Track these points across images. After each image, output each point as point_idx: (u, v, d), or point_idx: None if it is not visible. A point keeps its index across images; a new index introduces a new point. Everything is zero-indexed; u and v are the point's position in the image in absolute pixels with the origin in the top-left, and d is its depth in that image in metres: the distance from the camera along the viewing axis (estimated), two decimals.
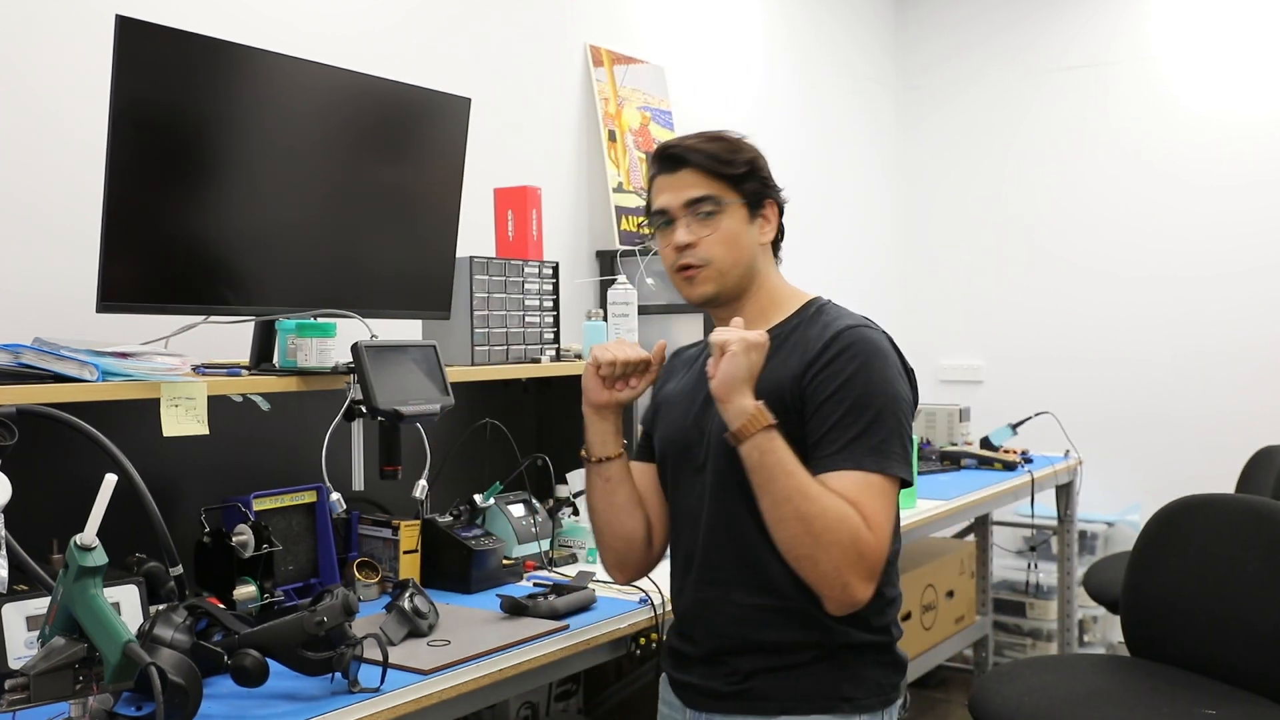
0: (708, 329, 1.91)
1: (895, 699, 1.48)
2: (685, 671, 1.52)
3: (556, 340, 2.41)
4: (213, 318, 1.82)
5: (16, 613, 1.43)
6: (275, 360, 1.84)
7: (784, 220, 1.58)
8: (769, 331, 1.47)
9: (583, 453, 1.63)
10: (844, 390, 1.39)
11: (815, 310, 1.52)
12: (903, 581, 1.60)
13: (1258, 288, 4.13)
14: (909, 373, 1.49)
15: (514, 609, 1.81)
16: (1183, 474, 3.99)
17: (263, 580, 1.79)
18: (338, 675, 1.44)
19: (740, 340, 1.36)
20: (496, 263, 2.27)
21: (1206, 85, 4.23)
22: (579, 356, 2.52)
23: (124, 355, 1.59)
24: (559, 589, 1.89)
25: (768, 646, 1.43)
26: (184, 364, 1.68)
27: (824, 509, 1.32)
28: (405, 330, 2.26)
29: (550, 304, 2.39)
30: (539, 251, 2.47)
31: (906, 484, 1.42)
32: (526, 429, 2.60)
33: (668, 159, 1.52)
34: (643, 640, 1.85)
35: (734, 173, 1.50)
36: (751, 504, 1.40)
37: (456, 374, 2.04)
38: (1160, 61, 4.32)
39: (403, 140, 2.07)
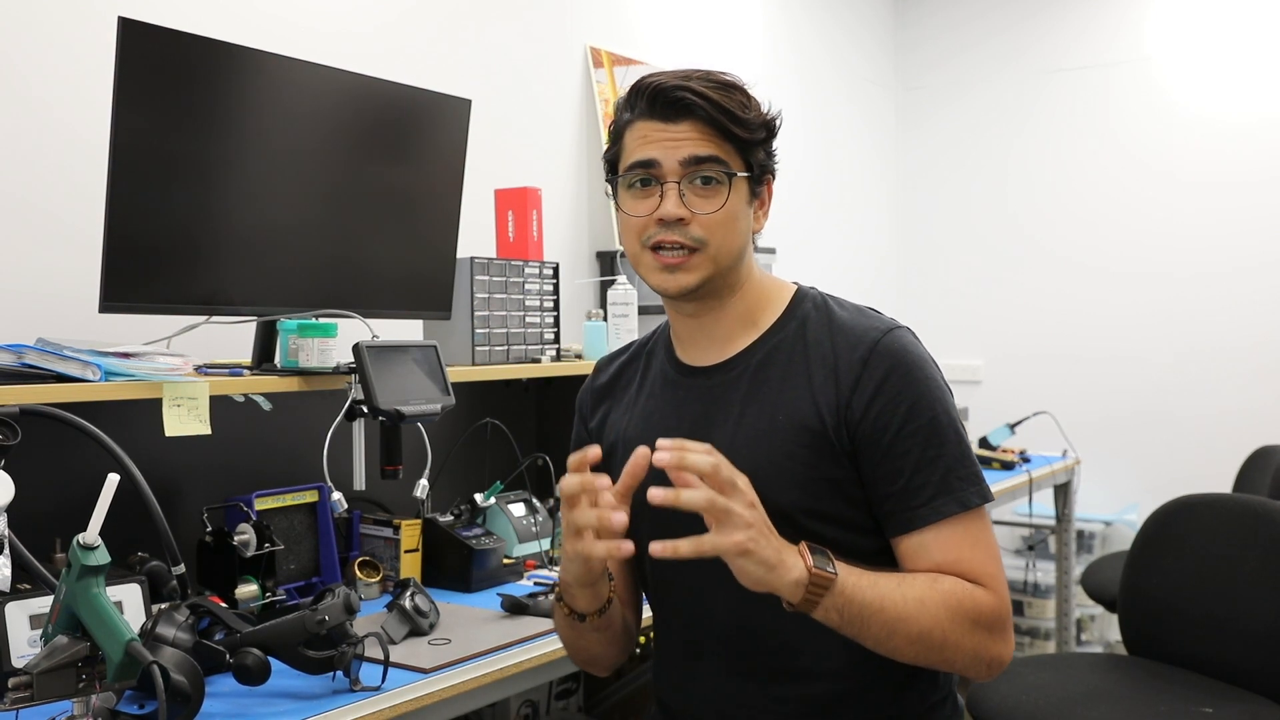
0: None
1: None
2: None
3: (557, 340, 2.41)
4: (214, 318, 1.83)
5: (19, 611, 1.43)
6: (277, 360, 1.85)
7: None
8: (761, 342, 1.23)
9: (554, 597, 1.28)
10: (910, 421, 1.15)
11: (811, 305, 1.26)
12: None
13: (1256, 287, 4.13)
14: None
15: (515, 608, 1.81)
16: (1180, 473, 4.00)
17: (264, 579, 1.80)
18: (339, 674, 1.45)
19: (743, 529, 1.01)
20: (497, 263, 2.28)
21: (1206, 86, 4.24)
22: (579, 356, 2.52)
23: (126, 355, 1.60)
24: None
25: None
26: (186, 364, 1.69)
27: (934, 618, 1.10)
28: (406, 330, 2.26)
29: (551, 304, 2.40)
30: (539, 252, 2.48)
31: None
32: (527, 429, 2.61)
33: (667, 102, 1.17)
34: (643, 640, 1.86)
35: (748, 136, 1.19)
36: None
37: (457, 374, 2.04)
38: (1159, 62, 4.33)
39: (404, 141, 2.07)
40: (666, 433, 1.11)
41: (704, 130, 1.18)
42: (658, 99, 1.18)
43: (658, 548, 1.03)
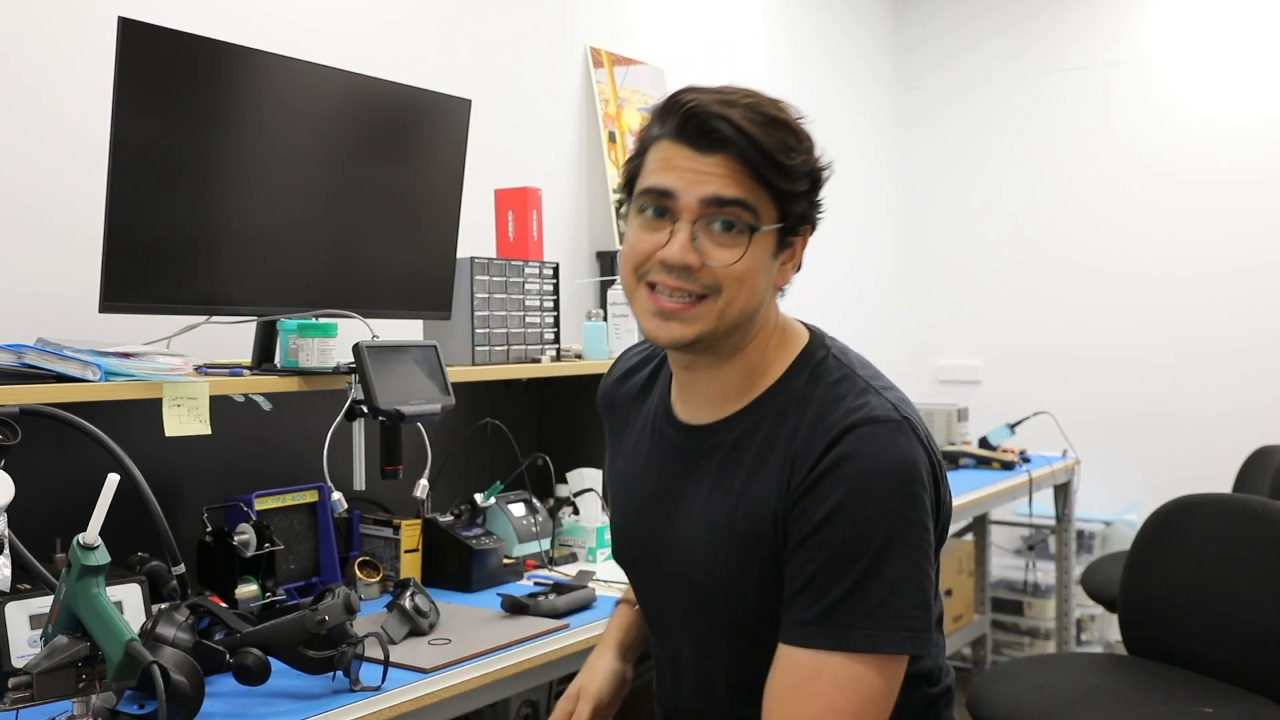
0: None
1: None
2: None
3: (557, 340, 2.41)
4: (215, 318, 1.82)
5: (19, 611, 1.43)
6: (277, 360, 1.85)
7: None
8: (742, 414, 1.08)
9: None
10: (830, 525, 0.98)
11: (809, 377, 1.08)
12: None
13: (1255, 288, 4.14)
14: (937, 483, 1.05)
15: (515, 608, 1.81)
16: (1180, 473, 4.00)
17: (264, 579, 1.80)
18: (339, 674, 1.45)
19: None
20: (497, 263, 2.27)
21: (1206, 86, 4.24)
22: (579, 356, 2.52)
23: (126, 355, 1.60)
24: (559, 588, 1.89)
25: None
26: (186, 364, 1.69)
27: None
28: (406, 330, 2.26)
29: (551, 304, 2.40)
30: (539, 252, 2.48)
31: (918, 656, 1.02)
32: (527, 429, 2.61)
33: (701, 129, 1.02)
34: None
35: (787, 187, 1.05)
36: (736, 660, 1.10)
37: (457, 374, 2.04)
38: (1159, 62, 4.33)
39: (404, 141, 2.07)
40: (644, 490, 1.14)
41: (736, 169, 1.02)
42: (690, 122, 1.03)
43: None
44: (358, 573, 1.99)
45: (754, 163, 1.03)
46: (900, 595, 0.99)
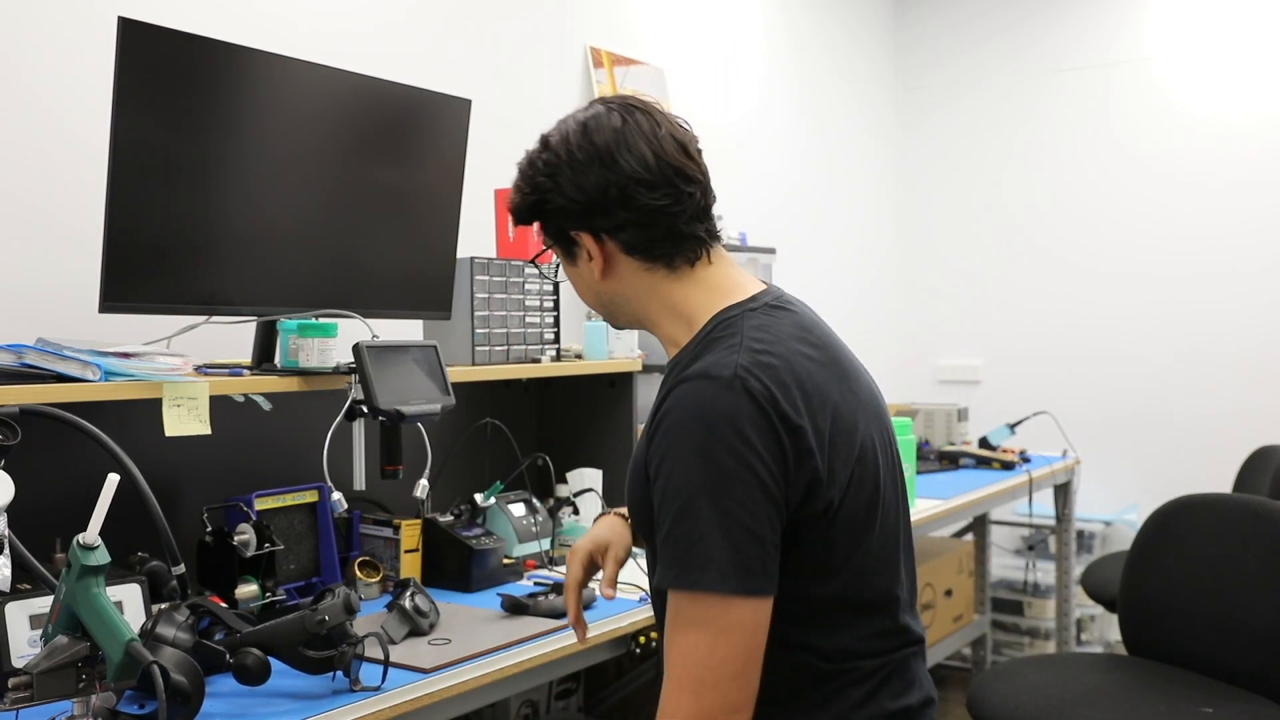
0: None
1: None
2: None
3: (557, 340, 2.41)
4: (214, 318, 1.83)
5: (19, 611, 1.43)
6: (277, 360, 1.85)
7: (642, 227, 1.18)
8: (666, 365, 1.24)
9: None
10: (656, 480, 1.09)
11: (704, 336, 1.18)
12: None
13: (1256, 288, 4.14)
14: (785, 429, 1.07)
15: (515, 608, 1.81)
16: (1180, 474, 4.00)
17: (264, 579, 1.80)
18: (339, 674, 1.45)
19: None
20: (497, 263, 2.27)
21: (1206, 86, 4.24)
22: (579, 357, 2.52)
23: (126, 355, 1.60)
24: (559, 588, 1.89)
25: None
26: (186, 364, 1.69)
27: None
28: (406, 330, 2.26)
29: (550, 304, 2.40)
30: None
31: (754, 591, 1.05)
32: (527, 429, 2.61)
33: None
34: (643, 639, 1.86)
35: (532, 219, 1.26)
36: (651, 565, 1.18)
37: (457, 374, 2.04)
38: (1160, 62, 4.33)
39: (404, 141, 2.07)
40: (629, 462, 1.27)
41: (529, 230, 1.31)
42: None
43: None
44: (358, 573, 1.99)
45: (520, 221, 1.28)
46: (711, 538, 1.04)
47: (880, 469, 1.18)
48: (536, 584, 2.05)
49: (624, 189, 1.17)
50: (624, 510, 1.45)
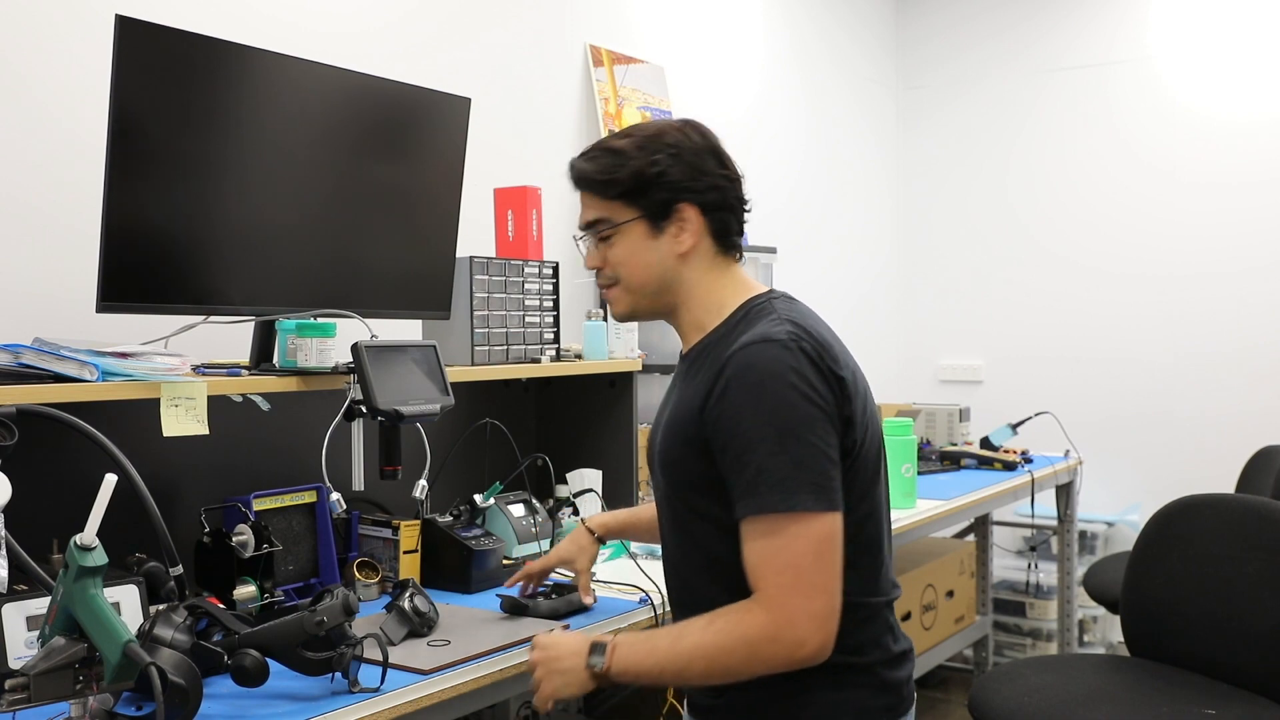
0: None
1: (904, 715, 1.38)
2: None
3: (556, 340, 2.41)
4: (213, 318, 1.82)
5: (17, 613, 1.43)
6: (275, 360, 1.84)
7: (728, 215, 1.41)
8: (698, 344, 1.40)
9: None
10: (732, 430, 1.27)
11: (741, 317, 1.38)
12: (903, 581, 1.58)
13: (1258, 288, 4.13)
14: (828, 379, 1.29)
15: (514, 609, 1.81)
16: (1183, 474, 4.00)
17: (263, 580, 1.79)
18: (338, 675, 1.44)
19: (545, 674, 1.38)
20: (496, 263, 2.27)
21: (1207, 85, 4.23)
22: (579, 356, 2.52)
23: (124, 355, 1.59)
24: (559, 589, 1.89)
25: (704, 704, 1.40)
26: (184, 364, 1.68)
27: (711, 663, 1.27)
28: (405, 330, 2.26)
29: (550, 304, 2.39)
30: (539, 251, 2.47)
31: (838, 508, 1.27)
32: (526, 429, 2.60)
33: (571, 180, 1.47)
34: None
35: (620, 190, 1.39)
36: (672, 514, 1.41)
37: (456, 374, 2.04)
38: (1161, 61, 4.32)
39: (403, 140, 2.07)
40: (656, 414, 1.50)
41: (588, 198, 1.44)
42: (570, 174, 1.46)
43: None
44: (356, 573, 1.98)
45: (591, 187, 1.43)
46: (797, 465, 1.25)
47: (879, 428, 1.41)
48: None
49: (726, 180, 1.41)
50: (594, 522, 1.83)
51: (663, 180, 1.38)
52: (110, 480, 1.20)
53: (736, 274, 1.45)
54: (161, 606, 1.40)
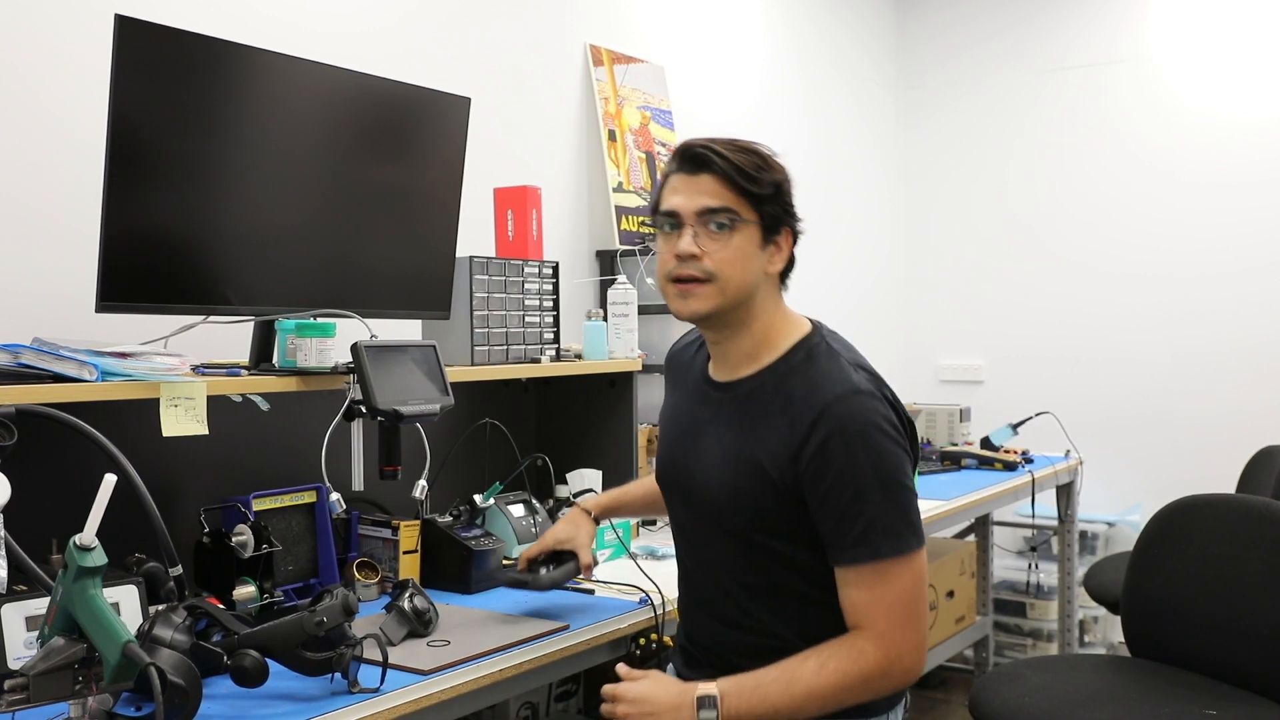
0: None
1: (899, 701, 1.49)
2: (696, 670, 1.53)
3: (556, 340, 2.40)
4: (212, 318, 1.82)
5: (16, 613, 1.43)
6: (275, 360, 1.84)
7: (796, 252, 1.49)
8: (753, 377, 1.43)
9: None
10: (839, 481, 1.35)
11: (804, 356, 1.43)
12: None
13: (1258, 287, 4.13)
14: (904, 424, 1.41)
15: (515, 584, 1.80)
16: (1183, 474, 3.99)
17: (262, 580, 1.79)
18: (337, 675, 1.44)
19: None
20: (496, 262, 2.27)
21: (1207, 85, 4.23)
22: (579, 356, 2.52)
23: (123, 355, 1.59)
24: (556, 556, 1.82)
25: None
26: (183, 364, 1.68)
27: (824, 699, 1.35)
28: (405, 330, 2.26)
29: (550, 304, 2.39)
30: (539, 251, 2.47)
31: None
32: (526, 429, 2.60)
33: (690, 159, 1.41)
34: (643, 640, 1.85)
35: (758, 191, 1.40)
36: (732, 550, 1.44)
37: (456, 374, 2.04)
38: (1161, 61, 4.32)
39: (402, 140, 2.06)
40: (681, 427, 1.54)
41: (719, 183, 1.39)
42: (685, 155, 1.42)
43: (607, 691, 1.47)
44: (356, 574, 1.98)
45: (729, 176, 1.39)
46: (899, 512, 1.36)
47: None
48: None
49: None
50: (588, 503, 1.87)
51: (787, 200, 1.44)
52: (110, 480, 1.20)
53: (786, 308, 1.51)
54: (161, 607, 1.40)
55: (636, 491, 1.88)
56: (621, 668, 1.49)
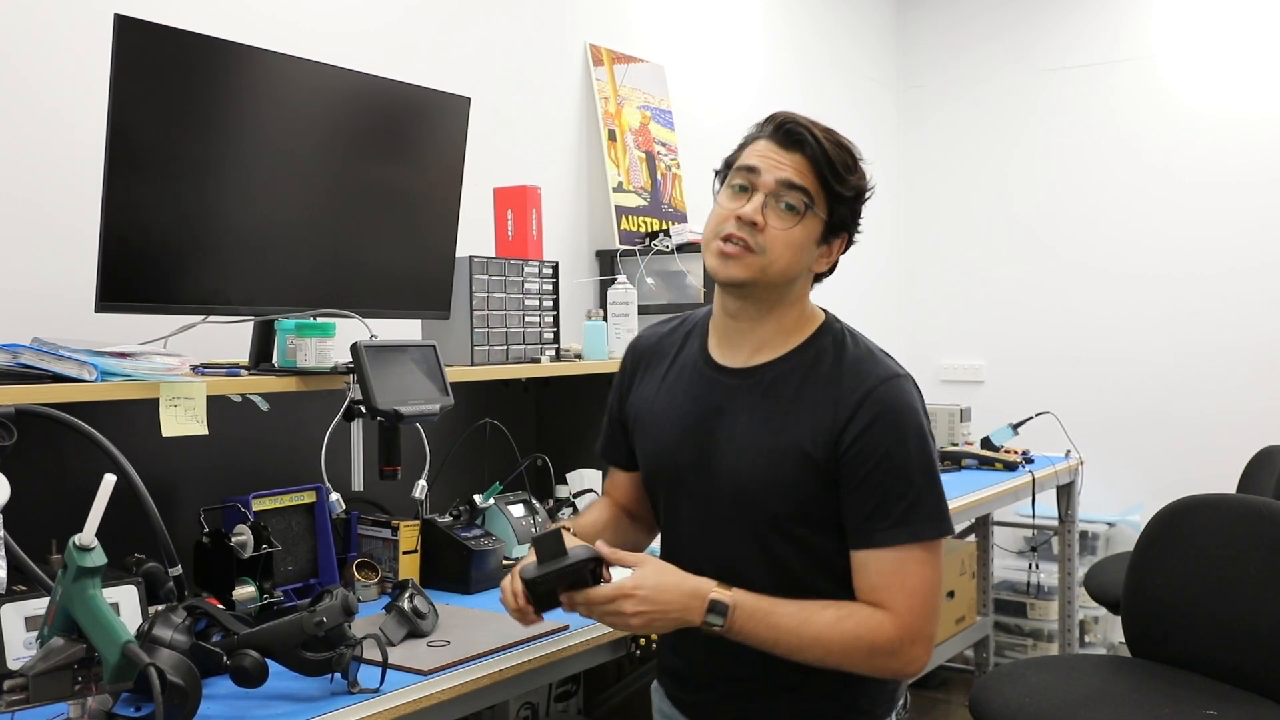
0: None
1: (895, 705, 1.49)
2: (685, 690, 1.51)
3: (556, 340, 2.40)
4: (212, 318, 1.82)
5: (15, 613, 1.42)
6: (274, 360, 1.84)
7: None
8: (779, 361, 1.40)
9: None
10: (885, 463, 1.34)
11: (831, 341, 1.43)
12: None
13: (1260, 288, 4.12)
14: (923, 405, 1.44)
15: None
16: (1184, 474, 3.99)
17: (262, 581, 1.79)
18: (337, 676, 1.44)
19: (638, 620, 1.30)
20: (496, 262, 2.27)
21: (1208, 84, 4.23)
22: (579, 356, 2.51)
23: (123, 355, 1.59)
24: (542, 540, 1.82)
25: (777, 681, 1.42)
26: (183, 364, 1.68)
27: (828, 651, 1.32)
28: (405, 330, 2.25)
29: (550, 304, 2.39)
30: (539, 251, 2.47)
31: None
32: (526, 429, 2.60)
33: (787, 132, 1.38)
34: (642, 641, 1.85)
35: (839, 189, 1.39)
36: (755, 545, 1.39)
37: (456, 374, 2.03)
38: (1162, 61, 4.32)
39: (402, 140, 2.06)
40: (682, 416, 1.45)
41: (805, 166, 1.37)
42: (782, 126, 1.38)
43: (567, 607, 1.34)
44: (356, 574, 1.98)
45: (819, 164, 1.37)
46: (938, 497, 1.37)
47: None
48: None
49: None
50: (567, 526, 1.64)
51: (859, 207, 1.44)
52: (109, 480, 1.20)
53: (810, 301, 1.49)
54: (160, 607, 1.40)
55: (590, 524, 1.58)
56: (603, 547, 1.33)
